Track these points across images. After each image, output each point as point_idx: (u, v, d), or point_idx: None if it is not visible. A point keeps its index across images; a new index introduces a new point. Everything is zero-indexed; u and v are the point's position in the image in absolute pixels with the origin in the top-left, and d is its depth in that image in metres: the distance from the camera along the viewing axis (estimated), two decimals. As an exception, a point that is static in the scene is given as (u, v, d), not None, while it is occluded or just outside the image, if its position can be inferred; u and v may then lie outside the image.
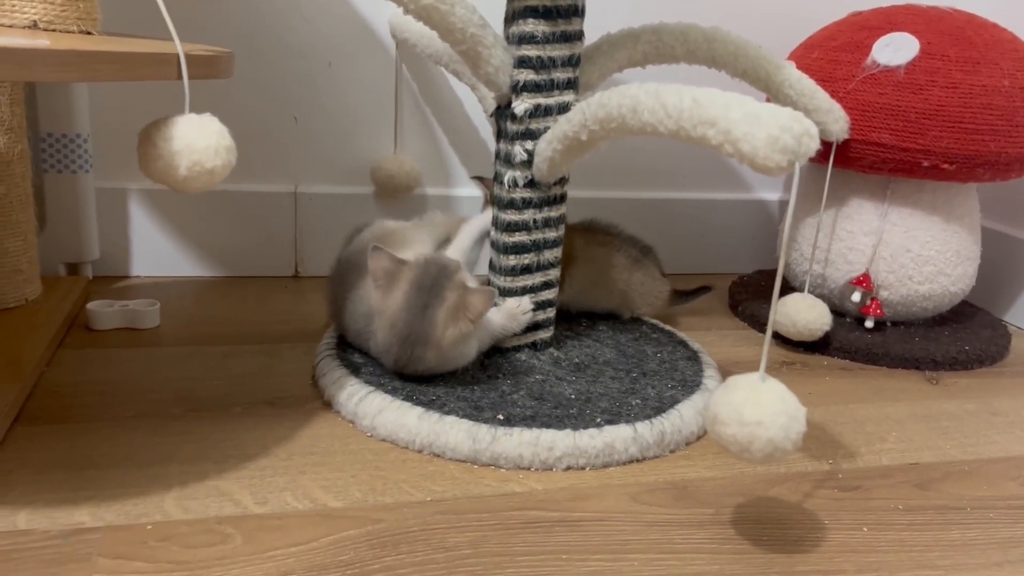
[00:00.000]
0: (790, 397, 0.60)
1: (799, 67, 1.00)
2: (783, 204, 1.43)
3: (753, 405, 0.59)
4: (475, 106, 1.25)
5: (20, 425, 0.76)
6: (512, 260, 0.89)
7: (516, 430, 0.77)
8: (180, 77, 0.62)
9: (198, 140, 0.61)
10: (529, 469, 0.76)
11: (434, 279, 0.82)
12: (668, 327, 1.07)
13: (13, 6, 0.71)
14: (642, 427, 0.79)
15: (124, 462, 0.72)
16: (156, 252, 1.18)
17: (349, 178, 1.24)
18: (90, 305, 0.99)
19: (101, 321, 0.98)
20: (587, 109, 0.76)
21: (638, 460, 0.79)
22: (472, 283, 0.84)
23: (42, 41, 0.54)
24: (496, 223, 0.90)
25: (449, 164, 1.28)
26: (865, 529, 0.71)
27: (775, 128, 0.57)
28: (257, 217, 1.20)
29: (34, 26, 0.72)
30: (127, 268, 1.18)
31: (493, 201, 0.91)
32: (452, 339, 0.82)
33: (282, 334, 1.02)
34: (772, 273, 1.37)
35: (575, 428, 0.78)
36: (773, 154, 0.57)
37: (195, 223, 1.19)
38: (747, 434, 0.58)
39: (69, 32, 0.73)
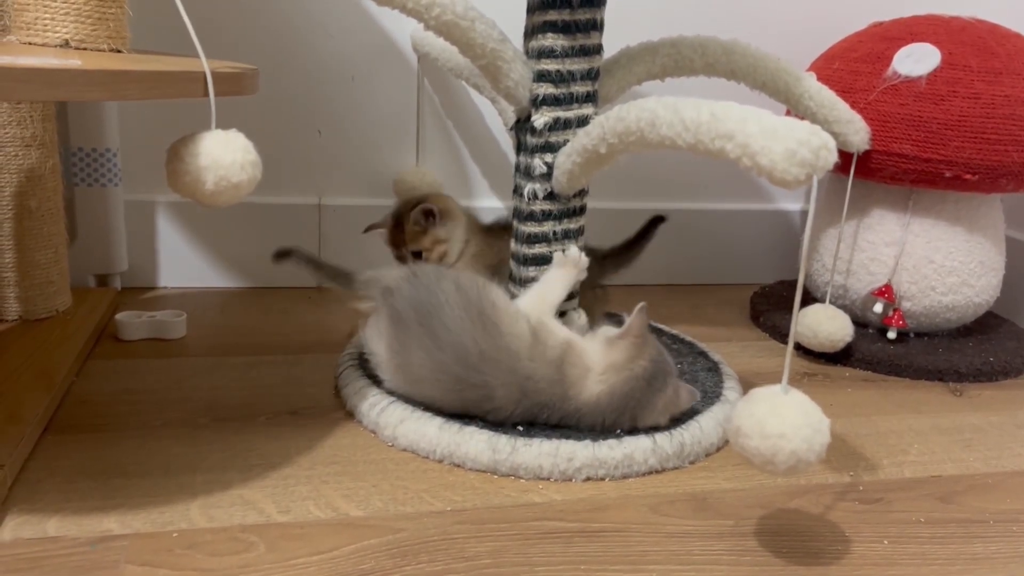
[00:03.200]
0: (813, 408, 0.60)
1: (820, 78, 1.00)
2: (805, 215, 1.43)
3: (776, 417, 0.59)
4: (495, 119, 1.26)
5: (50, 434, 0.78)
6: (532, 271, 0.90)
7: (536, 441, 0.77)
8: (207, 95, 0.63)
9: (224, 155, 0.63)
10: (549, 479, 0.77)
11: (663, 368, 0.81)
12: (689, 338, 1.07)
13: (45, 26, 0.73)
14: (661, 438, 0.80)
15: (151, 471, 0.73)
16: (183, 263, 1.20)
17: (372, 190, 1.25)
18: (119, 316, 1.01)
19: (129, 332, 1.00)
20: (606, 123, 0.77)
21: (657, 471, 0.79)
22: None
23: (73, 61, 0.56)
24: (516, 235, 0.91)
25: (470, 176, 1.29)
26: (886, 542, 0.71)
27: (793, 142, 0.57)
28: (282, 229, 1.22)
29: (66, 44, 0.74)
30: (155, 279, 1.20)
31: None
32: (650, 423, 0.81)
33: (305, 345, 1.03)
34: (794, 283, 1.37)
35: (594, 439, 0.78)
36: (791, 168, 0.57)
37: (221, 235, 1.21)
38: (770, 446, 0.59)
39: (100, 50, 0.75)
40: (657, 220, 1.09)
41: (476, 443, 0.77)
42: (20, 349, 0.90)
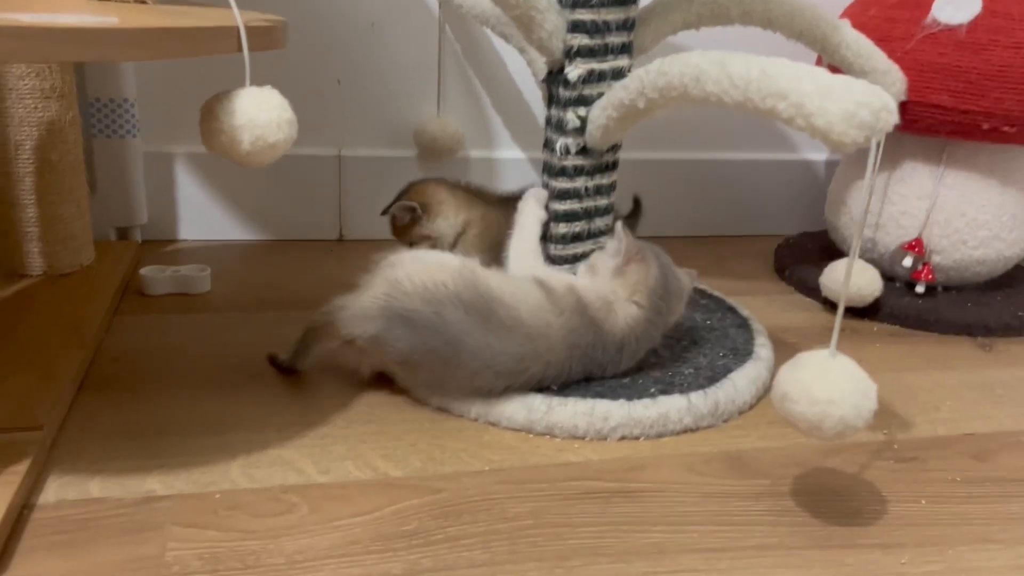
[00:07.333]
0: (861, 374, 0.60)
1: (854, 25, 0.97)
2: (829, 165, 1.40)
3: (824, 383, 0.59)
4: (519, 68, 1.23)
5: (85, 392, 0.78)
6: (563, 228, 0.89)
7: (571, 400, 0.77)
8: (240, 50, 0.61)
9: (260, 114, 0.61)
10: (584, 439, 0.77)
11: (667, 264, 0.85)
12: (717, 293, 1.06)
13: (67, -25, 0.71)
14: (696, 397, 0.79)
15: (189, 429, 0.73)
16: (202, 216, 1.19)
17: (392, 141, 1.23)
18: (143, 271, 1.00)
19: (154, 287, 1.00)
20: (645, 77, 0.75)
21: (692, 430, 0.79)
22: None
23: (110, 19, 0.54)
24: (547, 191, 0.90)
25: (492, 126, 1.26)
26: (923, 501, 0.71)
27: (851, 103, 0.55)
28: (302, 180, 1.20)
29: (89, -5, 0.71)
30: (175, 232, 1.19)
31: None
32: (677, 318, 0.86)
33: (331, 300, 1.02)
34: (818, 235, 1.35)
35: (629, 398, 0.78)
36: (849, 129, 0.56)
37: (240, 187, 1.19)
38: (818, 412, 0.58)
39: (124, 1, 0.72)
40: (637, 202, 1.13)
41: (511, 402, 0.77)
42: (47, 305, 0.89)
